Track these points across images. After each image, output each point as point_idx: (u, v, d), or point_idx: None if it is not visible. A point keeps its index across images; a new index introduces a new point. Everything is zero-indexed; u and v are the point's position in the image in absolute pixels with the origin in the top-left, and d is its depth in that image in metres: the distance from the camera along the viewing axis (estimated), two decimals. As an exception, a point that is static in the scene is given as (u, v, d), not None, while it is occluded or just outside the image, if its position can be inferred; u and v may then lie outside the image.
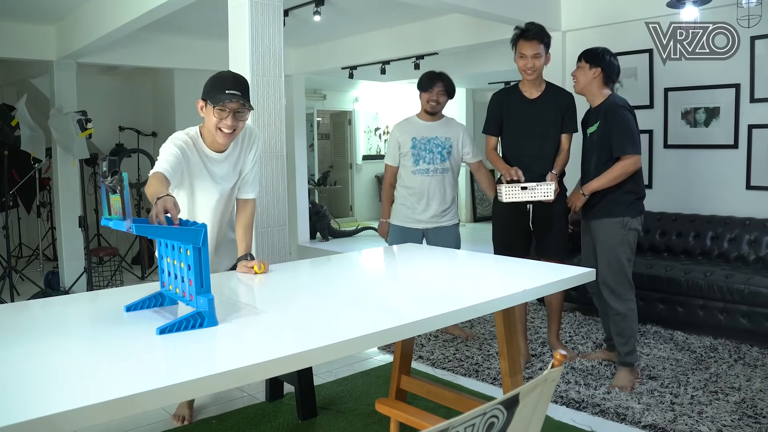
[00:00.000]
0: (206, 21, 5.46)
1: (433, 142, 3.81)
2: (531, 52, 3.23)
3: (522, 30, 3.29)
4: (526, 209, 3.40)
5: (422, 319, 1.70)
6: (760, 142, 4.22)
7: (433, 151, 3.80)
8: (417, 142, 3.80)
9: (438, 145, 3.81)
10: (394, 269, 2.69)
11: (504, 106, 3.41)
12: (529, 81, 3.32)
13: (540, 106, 3.33)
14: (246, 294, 2.21)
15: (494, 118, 3.46)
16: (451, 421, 1.02)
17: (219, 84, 2.31)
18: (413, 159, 3.80)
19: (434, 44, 6.01)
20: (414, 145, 3.80)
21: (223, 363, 1.36)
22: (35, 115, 6.27)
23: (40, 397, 1.17)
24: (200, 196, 2.50)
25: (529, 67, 3.25)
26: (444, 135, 3.83)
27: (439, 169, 3.80)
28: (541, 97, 3.33)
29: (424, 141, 3.80)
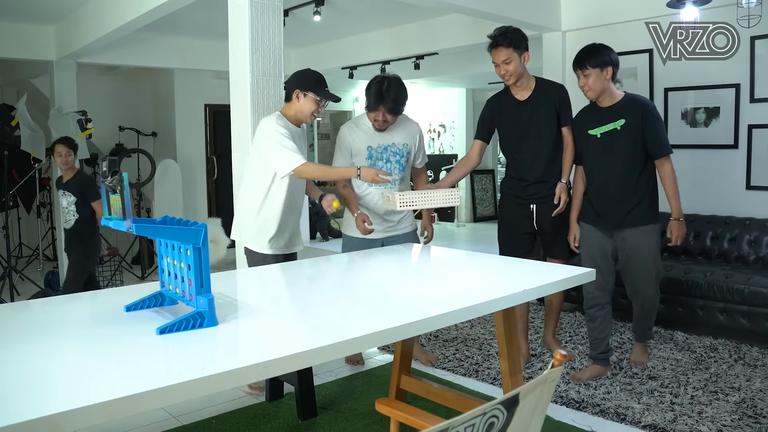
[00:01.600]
0: (206, 21, 5.47)
1: (390, 149, 3.31)
2: (499, 59, 3.18)
3: (490, 37, 3.24)
4: (530, 210, 3.37)
5: (422, 319, 1.70)
6: (760, 142, 4.23)
7: (390, 160, 3.31)
8: (373, 152, 3.30)
9: (396, 153, 3.32)
10: (394, 269, 2.69)
11: (495, 110, 3.40)
12: (514, 85, 3.28)
13: (532, 106, 3.28)
14: (246, 294, 2.21)
15: (484, 124, 3.46)
16: (451, 421, 1.02)
17: (322, 82, 2.95)
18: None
19: (434, 44, 6.01)
20: (370, 155, 3.30)
21: (223, 363, 1.36)
22: (35, 115, 6.28)
23: (40, 397, 1.17)
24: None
25: (502, 73, 3.21)
26: (402, 140, 3.33)
27: (397, 180, 3.31)
28: (531, 97, 3.29)
29: (381, 149, 3.30)
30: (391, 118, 3.23)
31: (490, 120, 3.42)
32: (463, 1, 4.25)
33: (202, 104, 7.53)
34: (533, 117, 3.28)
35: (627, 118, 3.08)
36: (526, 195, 3.37)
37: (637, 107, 3.09)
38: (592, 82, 3.06)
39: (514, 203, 3.44)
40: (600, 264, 3.19)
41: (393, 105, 3.16)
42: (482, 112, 3.49)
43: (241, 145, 3.34)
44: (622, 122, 3.09)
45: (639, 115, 3.07)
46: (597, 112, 3.18)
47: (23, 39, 5.65)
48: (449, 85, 10.25)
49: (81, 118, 5.46)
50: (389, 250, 3.05)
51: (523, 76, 3.25)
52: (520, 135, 3.33)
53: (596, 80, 3.05)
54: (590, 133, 3.19)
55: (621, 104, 3.12)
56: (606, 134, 3.13)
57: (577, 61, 3.10)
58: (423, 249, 3.03)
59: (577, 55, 3.12)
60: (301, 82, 2.92)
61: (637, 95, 3.21)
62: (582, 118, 3.27)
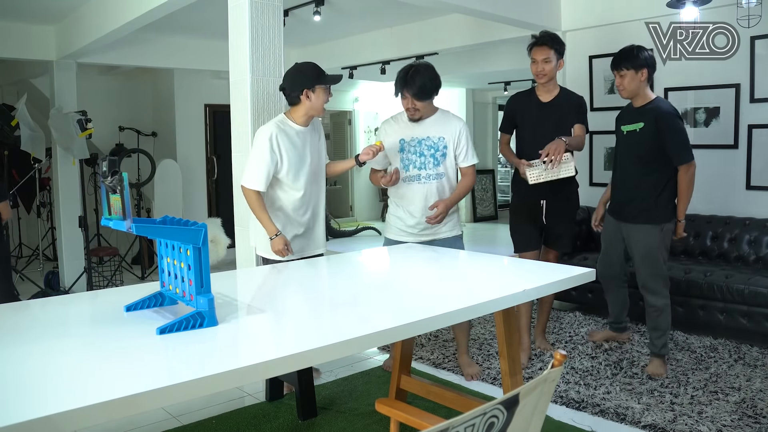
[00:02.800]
0: (206, 21, 5.47)
1: (425, 143, 3.23)
2: (540, 56, 3.38)
3: (535, 37, 3.45)
4: (540, 205, 3.54)
5: (422, 319, 1.70)
6: (760, 142, 4.22)
7: (424, 154, 3.23)
8: (405, 144, 3.25)
9: (431, 146, 3.23)
10: (394, 269, 2.69)
11: (519, 107, 3.58)
12: (542, 85, 3.46)
13: (553, 109, 3.46)
14: (246, 294, 2.21)
15: (508, 118, 3.63)
16: (451, 421, 1.02)
17: (321, 70, 2.96)
18: (402, 164, 3.25)
19: (434, 44, 6.01)
20: (402, 148, 3.26)
21: (223, 363, 1.36)
22: (35, 115, 6.28)
23: (40, 397, 1.17)
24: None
25: (539, 71, 3.40)
26: (438, 134, 3.22)
27: (432, 174, 3.23)
28: (554, 100, 3.47)
29: (414, 142, 3.24)
30: (420, 105, 3.15)
31: (513, 115, 3.60)
32: (463, 1, 4.25)
33: (202, 104, 7.53)
34: (553, 118, 3.43)
35: (645, 122, 3.23)
36: (537, 191, 3.47)
37: (654, 114, 3.21)
38: (627, 82, 3.23)
39: (525, 199, 3.60)
40: (608, 248, 3.57)
41: (418, 91, 3.10)
42: (507, 107, 3.68)
43: (241, 145, 3.34)
44: (641, 125, 3.25)
45: (654, 121, 3.19)
46: (630, 110, 3.37)
47: (23, 39, 5.65)
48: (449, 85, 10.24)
49: (81, 118, 5.45)
50: (389, 250, 3.04)
51: (552, 81, 3.46)
52: (539, 134, 3.41)
53: (631, 81, 3.22)
54: (621, 129, 3.38)
55: (646, 107, 3.27)
56: (630, 133, 3.32)
57: (614, 62, 3.27)
58: (423, 249, 3.02)
59: (615, 56, 3.28)
60: (304, 81, 2.91)
61: (662, 102, 3.33)
62: (621, 114, 3.46)
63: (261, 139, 2.91)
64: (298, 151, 2.99)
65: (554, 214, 3.57)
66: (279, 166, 2.94)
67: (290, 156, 2.95)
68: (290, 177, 2.98)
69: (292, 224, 3.07)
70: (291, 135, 2.97)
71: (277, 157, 2.92)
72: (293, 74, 2.95)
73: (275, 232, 2.93)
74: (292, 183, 3.00)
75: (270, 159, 2.90)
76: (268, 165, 2.90)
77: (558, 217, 3.57)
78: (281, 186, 3.01)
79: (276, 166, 2.93)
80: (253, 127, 3.23)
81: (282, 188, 3.02)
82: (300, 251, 3.11)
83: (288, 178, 2.98)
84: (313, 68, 2.95)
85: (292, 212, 3.06)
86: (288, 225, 3.06)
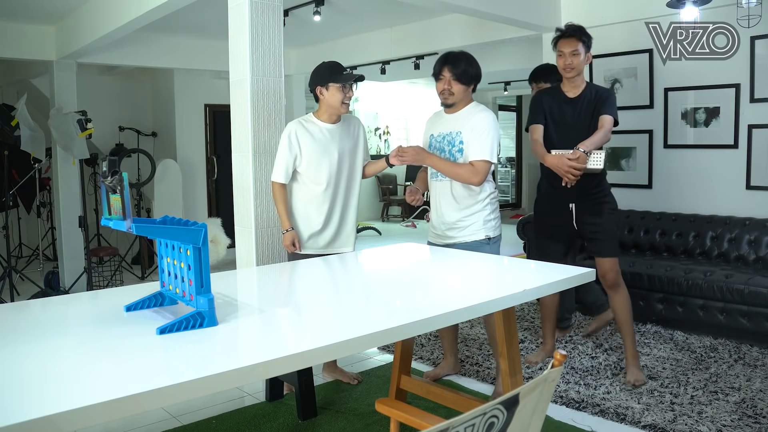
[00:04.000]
0: (206, 21, 5.47)
1: (447, 138, 3.06)
2: (568, 49, 3.20)
3: (561, 30, 3.30)
4: (569, 209, 3.30)
5: (422, 319, 1.70)
6: (760, 142, 4.22)
7: (444, 150, 3.06)
8: (433, 140, 3.13)
9: (450, 142, 3.05)
10: (394, 269, 2.69)
11: (547, 102, 3.36)
12: (569, 80, 3.28)
13: (578, 104, 3.27)
14: (246, 294, 2.21)
15: (538, 112, 3.36)
16: (451, 421, 1.02)
17: (337, 69, 3.06)
18: None
19: (434, 44, 6.00)
20: (430, 144, 3.14)
21: (223, 363, 1.36)
22: (35, 115, 6.27)
23: (40, 397, 1.17)
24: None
25: (567, 63, 3.22)
26: (458, 128, 3.02)
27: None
28: (580, 96, 3.28)
29: (440, 137, 3.09)
30: (457, 89, 2.99)
31: (543, 110, 3.36)
32: (463, 1, 4.25)
33: (202, 104, 7.53)
34: (578, 114, 3.26)
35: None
36: (565, 193, 3.26)
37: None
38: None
39: (551, 203, 3.38)
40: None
41: (460, 72, 2.97)
42: (533, 104, 3.43)
43: (241, 145, 3.34)
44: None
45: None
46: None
47: (23, 39, 5.65)
48: (449, 85, 10.27)
49: (81, 118, 5.45)
50: (389, 250, 3.05)
51: (580, 76, 3.28)
52: (563, 129, 3.28)
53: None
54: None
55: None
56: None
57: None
58: (423, 249, 3.02)
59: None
60: (318, 78, 3.06)
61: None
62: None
63: (282, 135, 3.11)
64: (319, 146, 3.08)
65: (585, 216, 3.29)
66: (298, 160, 3.08)
67: (310, 150, 3.06)
68: (310, 171, 3.09)
69: (310, 219, 3.13)
70: (313, 131, 3.10)
71: (296, 150, 3.06)
72: (312, 72, 3.11)
73: (286, 228, 3.10)
74: (312, 177, 3.10)
75: (289, 152, 3.06)
76: (287, 158, 3.06)
77: (590, 218, 3.28)
78: (302, 180, 3.12)
79: (295, 160, 3.08)
80: (253, 127, 3.25)
81: (302, 182, 3.13)
82: (323, 247, 3.16)
83: (308, 171, 3.09)
84: (329, 66, 3.07)
85: (312, 207, 3.13)
86: (306, 220, 3.13)
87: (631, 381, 3.19)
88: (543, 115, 3.34)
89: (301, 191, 3.14)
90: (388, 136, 11.62)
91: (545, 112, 3.34)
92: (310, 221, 3.14)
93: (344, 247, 3.21)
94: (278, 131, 3.34)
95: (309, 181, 3.11)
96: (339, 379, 3.38)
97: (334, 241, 3.19)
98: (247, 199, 3.31)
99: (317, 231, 3.14)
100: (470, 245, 2.99)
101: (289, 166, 3.08)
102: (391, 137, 11.68)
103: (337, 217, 3.17)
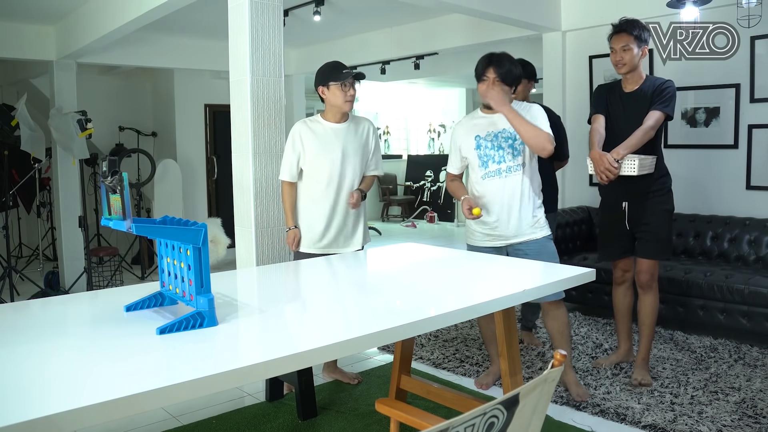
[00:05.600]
0: (206, 21, 5.47)
1: (501, 135, 2.97)
2: (619, 44, 3.14)
3: (613, 26, 3.21)
4: (622, 208, 3.25)
5: (422, 319, 1.70)
6: (760, 142, 4.23)
7: (502, 147, 2.97)
8: (481, 140, 3.02)
9: (507, 138, 2.96)
10: (394, 269, 2.69)
11: (607, 96, 3.28)
12: (625, 76, 3.20)
13: (634, 100, 3.18)
14: (246, 294, 2.21)
15: (600, 103, 3.27)
16: (451, 421, 1.02)
17: (337, 67, 3.08)
18: (480, 161, 3.01)
19: (434, 44, 6.01)
20: (478, 145, 3.02)
21: (223, 363, 1.36)
22: (35, 115, 6.27)
23: (40, 397, 1.17)
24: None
25: (618, 59, 3.15)
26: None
27: (512, 166, 2.95)
28: (637, 91, 3.19)
29: (491, 136, 2.99)
30: (504, 89, 2.91)
31: (605, 101, 3.27)
32: (463, 1, 4.25)
33: (202, 104, 7.54)
34: (632, 109, 3.17)
35: None
36: (619, 192, 3.23)
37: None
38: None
39: (609, 202, 3.34)
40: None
41: (505, 72, 2.91)
42: (598, 93, 3.35)
43: (241, 145, 3.34)
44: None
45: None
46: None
47: (23, 39, 5.65)
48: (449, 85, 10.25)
49: (81, 118, 5.45)
50: (389, 250, 3.04)
51: (636, 71, 3.17)
52: (618, 124, 3.20)
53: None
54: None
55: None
56: None
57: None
58: (423, 249, 3.02)
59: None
60: (320, 78, 3.11)
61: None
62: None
63: (289, 135, 3.18)
64: (322, 144, 3.12)
65: (637, 216, 3.21)
66: (302, 159, 3.14)
67: (312, 148, 3.11)
68: (312, 168, 3.13)
69: (312, 218, 3.16)
70: (317, 129, 3.15)
71: (300, 149, 3.12)
72: (317, 72, 3.15)
73: (290, 226, 3.19)
74: (314, 175, 3.15)
75: (293, 151, 3.13)
76: (291, 157, 3.14)
77: (640, 219, 3.20)
78: (306, 179, 3.17)
79: (299, 159, 3.14)
80: (253, 127, 3.25)
81: (306, 181, 3.18)
82: (327, 246, 3.18)
83: (310, 169, 3.14)
84: (329, 66, 3.11)
85: (314, 205, 3.16)
86: (309, 218, 3.17)
87: (638, 380, 3.20)
88: (605, 106, 3.25)
89: (306, 189, 3.18)
90: (388, 136, 11.63)
91: (606, 105, 3.26)
92: (312, 219, 3.16)
93: (352, 245, 3.23)
94: (278, 131, 3.34)
95: (311, 179, 3.15)
96: (339, 379, 3.38)
97: (339, 239, 3.19)
98: (247, 199, 3.31)
99: (320, 229, 3.15)
100: (540, 242, 2.97)
101: (293, 165, 3.13)
102: (391, 137, 11.69)
103: (340, 215, 3.17)
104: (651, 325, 3.28)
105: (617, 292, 3.42)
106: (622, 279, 3.39)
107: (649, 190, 3.19)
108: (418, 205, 11.00)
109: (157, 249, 1.89)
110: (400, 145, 11.86)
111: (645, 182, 3.15)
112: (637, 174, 3.04)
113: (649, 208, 3.20)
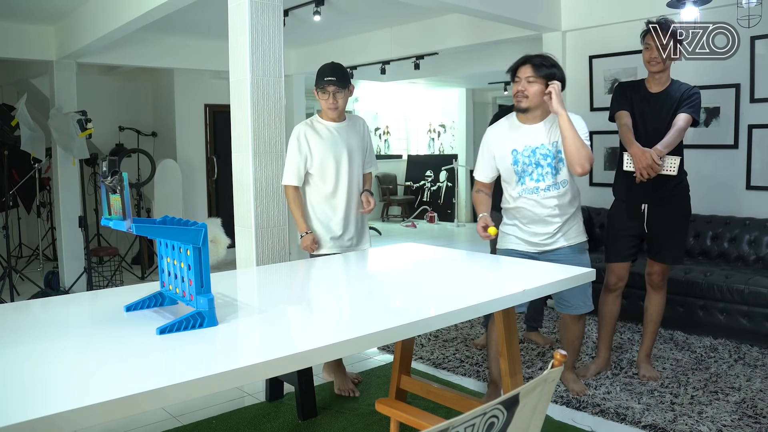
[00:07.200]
0: (206, 21, 5.47)
1: (539, 152, 2.79)
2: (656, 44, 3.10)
3: (652, 23, 3.17)
4: (641, 210, 3.18)
5: (422, 319, 1.70)
6: (760, 142, 4.23)
7: (541, 164, 2.79)
8: (518, 155, 2.82)
9: (546, 155, 2.78)
10: (394, 269, 2.69)
11: (630, 95, 3.22)
12: (653, 75, 3.15)
13: (660, 101, 3.13)
14: (246, 294, 2.21)
15: (623, 99, 3.20)
16: (451, 421, 1.02)
17: (321, 73, 3.08)
18: (517, 177, 2.84)
19: (434, 44, 6.01)
20: (516, 160, 2.82)
21: (223, 363, 1.36)
22: (35, 115, 6.28)
23: (40, 397, 1.17)
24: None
25: (654, 56, 3.10)
26: (551, 139, 2.79)
27: (551, 185, 2.80)
28: (663, 92, 3.14)
29: (528, 152, 2.80)
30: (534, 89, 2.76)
31: (628, 98, 3.20)
32: (463, 1, 4.25)
33: (202, 104, 7.54)
34: (658, 110, 3.13)
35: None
36: (638, 193, 3.15)
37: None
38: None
39: (626, 203, 3.24)
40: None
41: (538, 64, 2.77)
42: (617, 93, 3.27)
43: (241, 145, 3.34)
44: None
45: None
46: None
47: (23, 39, 5.65)
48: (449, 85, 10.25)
49: (81, 118, 5.45)
50: (389, 250, 3.04)
51: (665, 72, 3.15)
52: (641, 124, 3.15)
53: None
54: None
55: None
56: None
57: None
58: (423, 249, 3.02)
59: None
60: (315, 83, 3.13)
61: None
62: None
63: (291, 138, 3.15)
64: (327, 144, 3.12)
65: (656, 220, 3.15)
66: (309, 161, 3.12)
67: (319, 149, 3.11)
68: (319, 171, 3.13)
69: (329, 220, 3.15)
70: (320, 130, 3.15)
71: (306, 151, 3.11)
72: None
73: (304, 230, 3.13)
74: (320, 177, 3.14)
75: (299, 154, 3.10)
76: (297, 160, 3.10)
77: (660, 223, 3.15)
78: (314, 182, 3.16)
79: (306, 161, 3.11)
80: (253, 127, 3.24)
81: (314, 184, 3.16)
82: (350, 243, 3.20)
83: (320, 171, 3.13)
84: (319, 70, 3.13)
85: (329, 207, 3.15)
86: (326, 221, 3.16)
87: (647, 375, 3.28)
88: (629, 103, 3.17)
89: (315, 191, 3.16)
90: (388, 136, 11.62)
91: (631, 103, 3.19)
92: (329, 220, 3.15)
93: (364, 244, 3.26)
94: (278, 131, 3.34)
95: (321, 182, 3.13)
96: (337, 385, 3.24)
97: (358, 235, 3.23)
98: (247, 199, 3.31)
99: (339, 228, 3.15)
100: (576, 248, 2.90)
101: (301, 168, 3.11)
102: (391, 137, 11.69)
103: (354, 214, 3.20)
104: (657, 323, 3.34)
105: (607, 298, 3.32)
106: (615, 287, 3.29)
107: (671, 194, 3.14)
108: (418, 205, 11.00)
109: (157, 249, 1.89)
110: (400, 145, 11.86)
111: (668, 185, 3.10)
112: (675, 174, 3.00)
113: (669, 212, 3.16)
